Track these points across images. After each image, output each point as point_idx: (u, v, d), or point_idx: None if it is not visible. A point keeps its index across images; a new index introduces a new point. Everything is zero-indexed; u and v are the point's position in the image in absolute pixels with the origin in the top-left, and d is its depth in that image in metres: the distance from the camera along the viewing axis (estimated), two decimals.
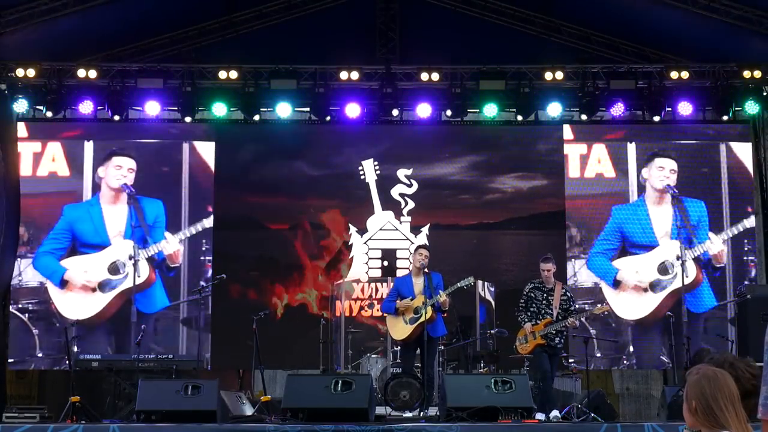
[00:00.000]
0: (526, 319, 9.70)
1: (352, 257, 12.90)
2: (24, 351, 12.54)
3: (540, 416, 9.19)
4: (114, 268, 12.59)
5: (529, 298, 9.79)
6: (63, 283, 12.60)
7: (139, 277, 12.22)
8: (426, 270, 9.69)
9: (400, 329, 9.72)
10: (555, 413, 9.39)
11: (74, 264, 12.65)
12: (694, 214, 12.81)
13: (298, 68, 12.55)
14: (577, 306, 9.92)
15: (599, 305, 10.63)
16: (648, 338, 12.75)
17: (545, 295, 9.74)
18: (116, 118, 12.63)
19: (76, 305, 12.56)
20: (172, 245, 12.71)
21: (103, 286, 12.59)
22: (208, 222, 12.84)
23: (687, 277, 11.89)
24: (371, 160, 13.03)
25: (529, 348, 9.68)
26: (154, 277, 12.67)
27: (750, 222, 12.82)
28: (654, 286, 12.65)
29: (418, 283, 9.70)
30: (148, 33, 13.52)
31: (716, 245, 12.73)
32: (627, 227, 12.85)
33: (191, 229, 12.82)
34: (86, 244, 12.67)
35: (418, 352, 9.82)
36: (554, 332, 9.63)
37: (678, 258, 12.16)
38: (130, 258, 11.77)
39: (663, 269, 12.70)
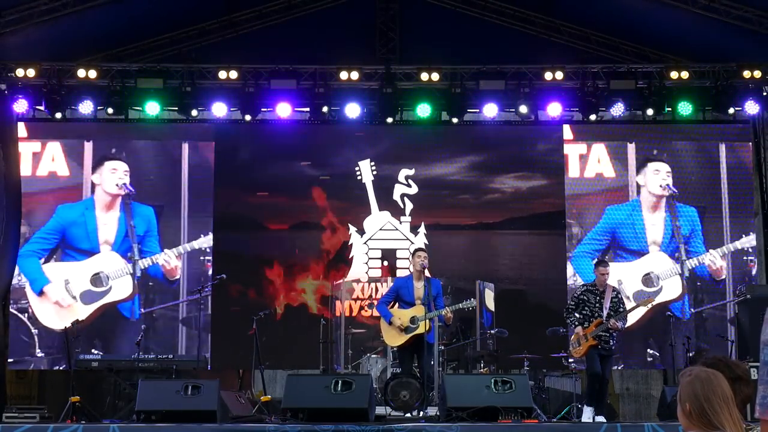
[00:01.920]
0: (576, 322, 9.64)
1: (352, 257, 12.90)
2: (24, 351, 12.53)
3: (588, 415, 9.36)
4: (97, 280, 12.56)
5: (580, 300, 9.75)
6: (41, 293, 12.56)
7: (134, 288, 12.44)
8: (427, 272, 9.68)
9: (394, 337, 9.71)
10: (601, 418, 9.34)
11: (57, 271, 12.57)
12: (686, 225, 12.76)
13: (298, 68, 12.54)
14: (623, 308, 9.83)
15: (644, 299, 10.67)
16: (638, 344, 12.68)
17: (598, 297, 9.70)
18: (111, 112, 12.56)
19: (54, 314, 12.50)
20: (171, 261, 12.69)
21: (84, 297, 12.53)
22: (207, 241, 12.74)
23: (673, 290, 11.99)
24: (368, 160, 13.02)
25: (582, 351, 9.63)
26: (137, 291, 12.64)
27: (750, 241, 12.71)
28: (636, 297, 12.31)
29: (419, 288, 9.68)
30: (148, 33, 13.52)
31: (717, 261, 12.67)
32: (620, 230, 12.80)
33: (193, 243, 12.75)
34: (74, 248, 12.63)
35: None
36: (607, 334, 9.59)
37: (674, 272, 12.24)
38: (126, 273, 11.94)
39: (647, 280, 12.63)
